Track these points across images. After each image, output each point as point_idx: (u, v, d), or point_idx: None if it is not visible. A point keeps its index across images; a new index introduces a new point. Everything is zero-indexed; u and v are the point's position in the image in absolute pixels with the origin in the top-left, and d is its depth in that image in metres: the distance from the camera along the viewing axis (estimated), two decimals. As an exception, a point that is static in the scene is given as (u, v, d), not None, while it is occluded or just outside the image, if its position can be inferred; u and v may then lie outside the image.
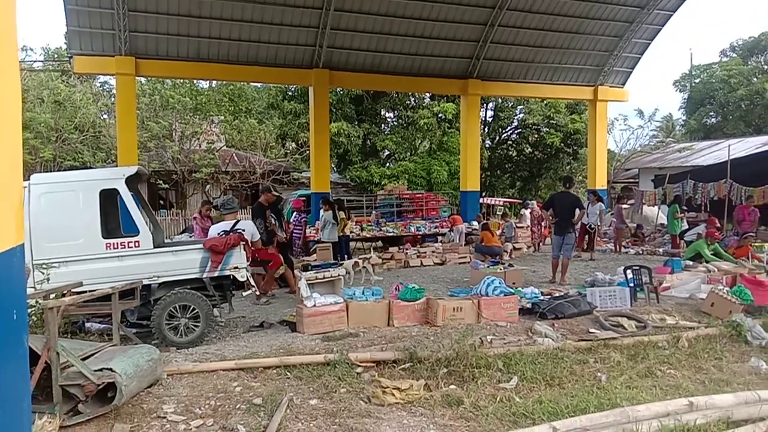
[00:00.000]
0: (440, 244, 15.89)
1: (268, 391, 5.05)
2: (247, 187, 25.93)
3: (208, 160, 24.13)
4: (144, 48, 16.15)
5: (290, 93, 28.21)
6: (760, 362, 6.11)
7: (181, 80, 25.90)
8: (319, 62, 17.81)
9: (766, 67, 37.53)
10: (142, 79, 24.59)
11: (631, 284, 8.51)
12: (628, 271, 8.74)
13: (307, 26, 17.25)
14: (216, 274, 7.07)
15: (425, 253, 14.63)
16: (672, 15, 20.34)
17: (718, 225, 13.52)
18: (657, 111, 42.15)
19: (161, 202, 27.10)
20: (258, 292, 8.60)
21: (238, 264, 7.10)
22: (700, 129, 37.80)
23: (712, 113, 38.02)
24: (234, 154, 26.72)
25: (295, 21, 17.04)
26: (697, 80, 39.19)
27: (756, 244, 12.11)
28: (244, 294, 7.59)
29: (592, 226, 14.49)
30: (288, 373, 5.54)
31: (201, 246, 7.11)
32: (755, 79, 35.54)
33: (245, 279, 7.16)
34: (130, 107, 16.56)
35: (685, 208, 16.24)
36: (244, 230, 7.36)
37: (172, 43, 16.45)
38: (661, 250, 15.22)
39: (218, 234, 7.29)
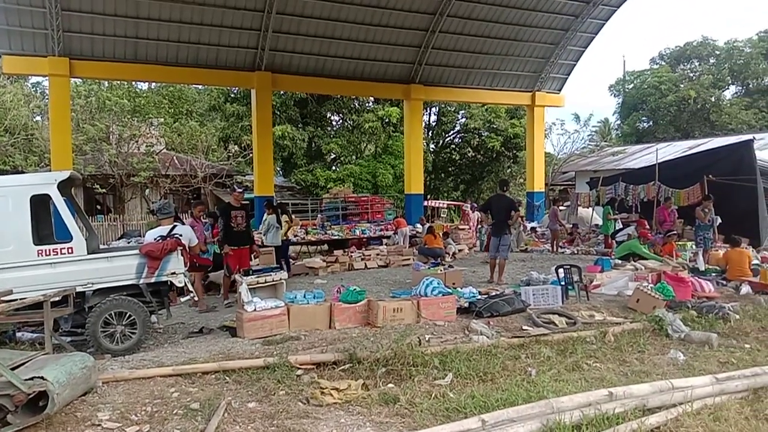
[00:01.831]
0: (385, 246, 16.06)
1: (206, 396, 5.06)
2: (188, 190, 25.46)
3: (147, 163, 23.59)
4: (79, 48, 15.69)
5: (233, 95, 27.91)
6: (678, 354, 6.51)
7: (119, 82, 25.19)
8: (261, 65, 17.73)
9: (691, 74, 39.62)
10: (78, 80, 23.78)
11: (563, 282, 8.90)
12: (560, 270, 9.13)
13: (248, 29, 17.16)
14: (153, 280, 6.97)
15: (370, 255, 14.75)
16: (605, 24, 21.32)
17: (648, 227, 14.22)
18: (592, 116, 44.14)
19: (98, 206, 26.25)
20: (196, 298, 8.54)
21: (175, 269, 7.02)
22: (633, 133, 39.55)
23: (644, 118, 39.86)
24: (174, 158, 26.20)
25: (236, 23, 16.92)
26: (630, 86, 41.00)
27: (679, 243, 12.83)
28: (182, 300, 7.50)
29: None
30: (227, 378, 5.55)
31: (137, 252, 7.01)
32: (682, 85, 37.49)
33: (183, 284, 7.09)
34: (65, 109, 16.06)
35: (617, 210, 16.97)
36: (181, 235, 7.28)
37: (109, 43, 16.04)
38: (594, 249, 15.88)
39: (155, 239, 7.19)
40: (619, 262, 11.23)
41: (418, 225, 18.64)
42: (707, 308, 8.01)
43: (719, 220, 13.02)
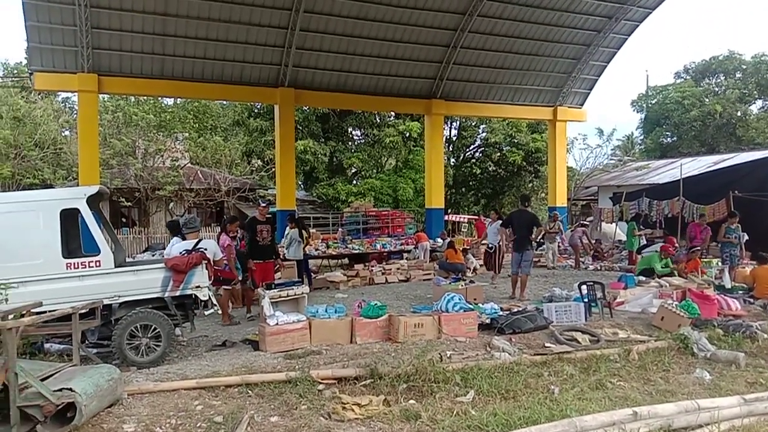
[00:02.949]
0: (405, 261, 16.07)
1: (229, 410, 5.11)
2: (211, 204, 25.79)
3: (171, 177, 23.96)
4: (107, 65, 16.06)
5: (256, 110, 28.29)
6: (704, 373, 6.41)
7: (145, 97, 25.72)
8: (284, 81, 17.97)
9: (716, 89, 39.16)
10: (105, 96, 24.35)
11: (586, 299, 8.81)
12: (583, 287, 9.04)
13: (272, 45, 17.42)
14: (178, 293, 7.08)
15: (390, 270, 14.77)
16: (627, 38, 21.20)
17: (676, 245, 14.02)
18: (615, 130, 43.53)
19: (123, 219, 26.72)
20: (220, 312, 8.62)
21: (200, 283, 7.12)
22: (657, 148, 39.12)
23: (667, 133, 39.42)
24: (198, 172, 26.57)
25: (260, 40, 17.20)
26: (653, 101, 40.63)
27: (705, 259, 12.62)
28: (206, 313, 7.60)
29: (491, 245, 13.40)
30: (249, 392, 5.60)
31: (163, 265, 7.13)
32: (707, 100, 37.05)
33: (207, 298, 7.18)
34: (92, 124, 16.42)
35: (641, 226, 16.77)
36: (206, 249, 7.39)
37: (136, 60, 16.41)
38: (618, 266, 15.69)
39: (180, 253, 7.31)
40: (643, 279, 11.09)
41: (439, 239, 18.61)
42: (734, 327, 7.86)
43: (746, 237, 12.79)
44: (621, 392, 5.78)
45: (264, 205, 10.50)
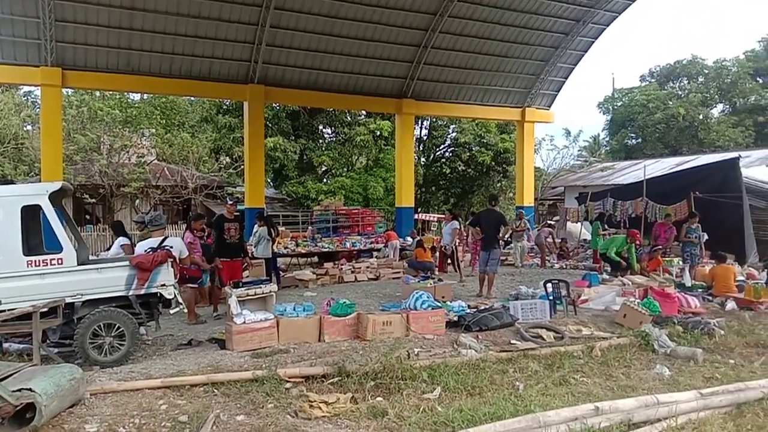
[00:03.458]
0: (375, 259, 16.11)
1: (194, 409, 5.06)
2: (178, 201, 25.41)
3: (137, 174, 23.55)
4: (72, 59, 15.71)
5: (225, 107, 27.98)
6: (664, 369, 6.59)
7: (111, 92, 25.21)
8: (254, 78, 17.81)
9: (680, 92, 40.16)
10: (69, 90, 23.77)
11: (551, 297, 8.97)
12: (548, 285, 9.20)
13: (242, 42, 17.26)
14: (142, 291, 6.98)
15: (360, 268, 14.80)
16: (594, 41, 21.62)
17: (640, 239, 14.38)
18: (582, 132, 44.47)
19: (87, 217, 26.14)
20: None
21: (165, 281, 7.03)
22: (622, 149, 39.94)
23: (632, 135, 40.28)
24: (165, 168, 26.17)
25: (230, 36, 17.02)
26: (619, 103, 41.47)
27: (667, 258, 12.97)
28: (171, 312, 7.50)
29: (447, 247, 13.36)
30: (215, 391, 5.56)
31: (127, 263, 7.02)
32: (670, 103, 37.98)
33: (173, 296, 7.10)
34: (56, 119, 16.03)
35: (606, 226, 17.10)
36: (171, 247, 7.30)
37: (102, 54, 16.08)
38: (582, 264, 16.00)
39: (145, 251, 7.20)
40: (607, 277, 11.34)
41: (409, 238, 18.70)
42: (693, 324, 8.09)
43: (705, 237, 13.18)
44: (584, 388, 5.90)
45: (232, 202, 10.40)
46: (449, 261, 14.20)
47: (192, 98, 30.72)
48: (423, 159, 32.08)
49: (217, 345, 7.27)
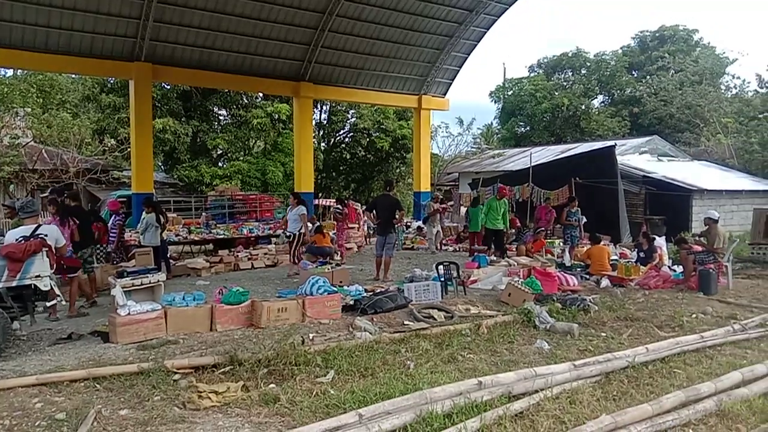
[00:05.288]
0: (273, 245, 15.88)
1: (73, 405, 4.80)
2: (58, 186, 23.58)
3: (11, 157, 21.59)
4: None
5: (109, 85, 26.21)
6: (544, 343, 7.05)
7: (-24, 66, 22.87)
8: (141, 55, 16.82)
9: (565, 83, 42.61)
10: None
11: (443, 279, 9.31)
12: (440, 267, 9.54)
13: (127, 17, 16.21)
14: (14, 283, 6.46)
15: (257, 255, 14.55)
16: (486, 32, 22.34)
17: (519, 224, 15.22)
18: (474, 120, 46.08)
19: (-48, 203, 23.67)
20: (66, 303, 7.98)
21: (40, 272, 6.55)
22: (512, 137, 41.87)
23: (521, 123, 42.30)
24: (43, 151, 24.21)
25: (113, 11, 15.93)
26: (510, 92, 43.36)
27: (549, 240, 13.85)
28: (48, 304, 7.01)
29: (289, 233, 12.35)
30: (98, 385, 5.30)
31: (-5, 253, 6.46)
32: (556, 93, 40.23)
33: (49, 288, 6.63)
34: None
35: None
36: (46, 235, 6.79)
37: (-36, 24, 14.52)
38: (474, 247, 16.68)
39: (16, 240, 6.66)
40: (494, 258, 11.91)
41: (309, 224, 18.56)
42: (570, 301, 8.71)
43: (585, 220, 14.19)
44: (470, 364, 6.19)
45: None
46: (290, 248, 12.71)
47: (73, 76, 28.55)
48: (323, 144, 31.90)
49: (100, 338, 6.90)
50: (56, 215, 8.91)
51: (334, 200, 15.08)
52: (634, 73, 41.68)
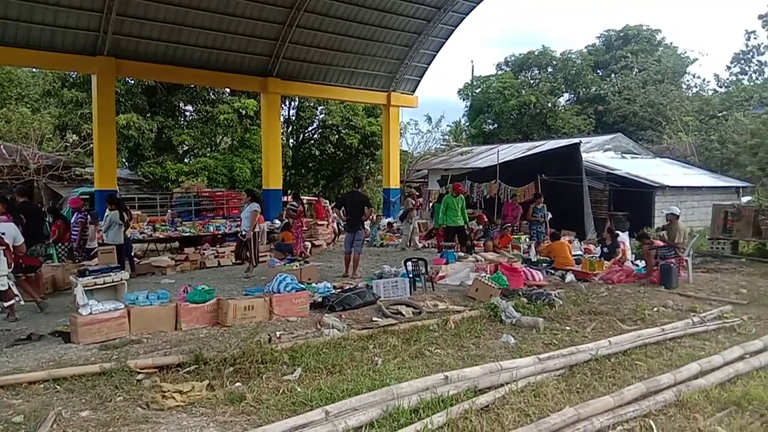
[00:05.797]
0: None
1: (32, 408, 4.68)
2: (17, 184, 22.90)
3: (-34, 153, 20.90)
4: None
5: (71, 80, 25.53)
6: (510, 338, 7.13)
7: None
8: (103, 49, 16.45)
9: (532, 81, 43.15)
10: None
11: (411, 275, 9.35)
12: (408, 263, 9.57)
13: (89, 10, 15.86)
14: (-31, 283, 6.27)
15: (224, 252, 14.36)
16: (454, 29, 22.51)
17: (486, 220, 15.37)
18: (443, 117, 46.33)
19: None
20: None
21: (-4, 271, 6.37)
22: (480, 134, 42.24)
23: (489, 120, 42.69)
24: (2, 147, 23.48)
25: (74, 3, 15.57)
26: (478, 90, 43.70)
27: (516, 236, 14.02)
28: (5, 305, 6.80)
29: (243, 233, 11.63)
30: (58, 387, 5.17)
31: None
32: (524, 91, 40.71)
33: (6, 288, 6.44)
34: None
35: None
36: (4, 234, 6.60)
37: None
38: (442, 243, 16.78)
39: (-28, 239, 6.46)
40: (462, 255, 12.00)
41: (276, 221, 18.43)
42: (536, 295, 8.83)
43: (550, 216, 14.40)
44: (438, 359, 6.22)
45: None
46: (246, 250, 11.88)
47: (33, 70, 27.74)
48: (292, 140, 31.67)
49: (61, 339, 6.74)
50: (6, 213, 8.62)
51: (290, 196, 14.85)
52: (599, 71, 42.43)
